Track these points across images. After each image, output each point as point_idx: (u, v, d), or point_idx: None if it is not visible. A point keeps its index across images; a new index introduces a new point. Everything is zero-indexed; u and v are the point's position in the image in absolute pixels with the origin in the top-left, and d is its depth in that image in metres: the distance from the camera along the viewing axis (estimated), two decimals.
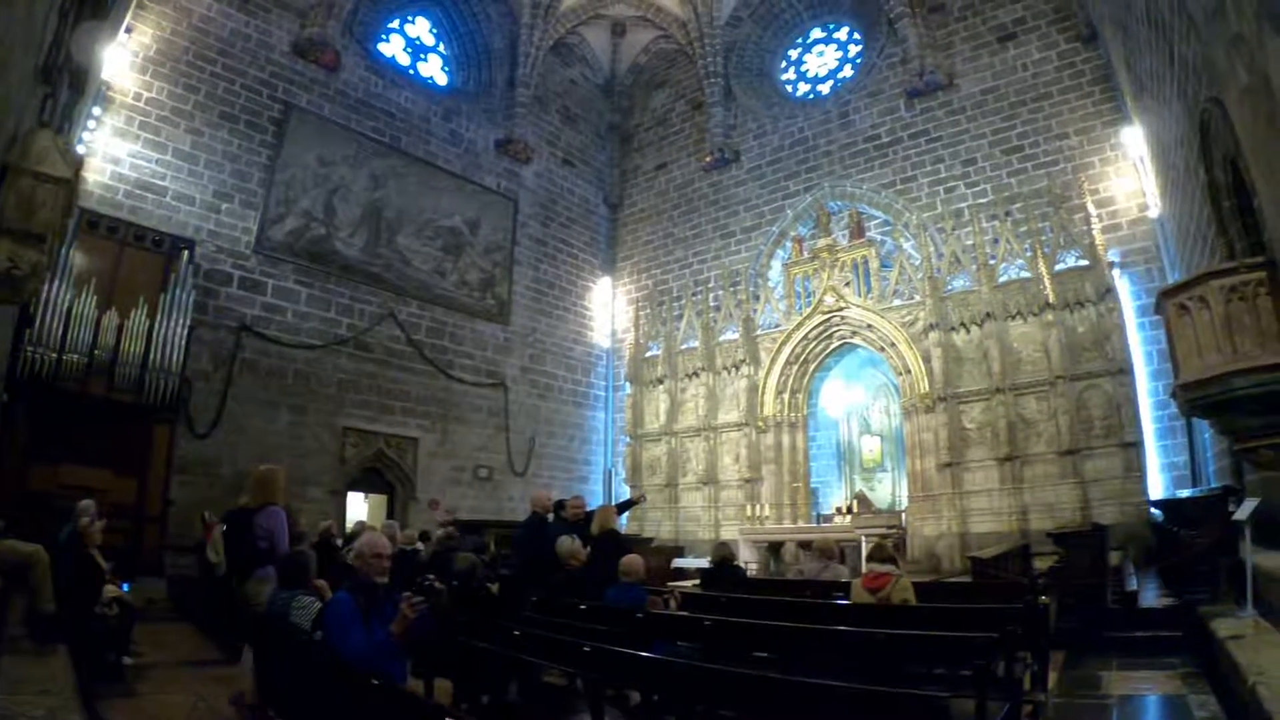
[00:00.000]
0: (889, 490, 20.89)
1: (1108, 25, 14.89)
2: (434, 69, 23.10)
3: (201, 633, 10.33)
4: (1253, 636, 5.89)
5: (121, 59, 15.44)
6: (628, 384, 22.93)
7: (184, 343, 14.24)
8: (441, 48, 23.51)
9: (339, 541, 11.39)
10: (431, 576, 6.98)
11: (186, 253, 15.03)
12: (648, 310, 23.81)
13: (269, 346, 16.85)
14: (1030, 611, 6.66)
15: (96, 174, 14.84)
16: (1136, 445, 14.49)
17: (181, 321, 14.23)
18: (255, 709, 5.30)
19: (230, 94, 17.25)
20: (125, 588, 8.58)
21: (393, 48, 22.00)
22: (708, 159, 24.27)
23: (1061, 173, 17.52)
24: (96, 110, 14.77)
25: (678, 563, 17.93)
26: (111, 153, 15.28)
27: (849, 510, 17.78)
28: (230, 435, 15.86)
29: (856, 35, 23.37)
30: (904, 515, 17.31)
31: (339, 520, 15.84)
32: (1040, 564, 11.99)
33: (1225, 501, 8.99)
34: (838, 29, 24.09)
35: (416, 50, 22.78)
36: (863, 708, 3.69)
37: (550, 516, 10.27)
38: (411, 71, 22.19)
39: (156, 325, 13.79)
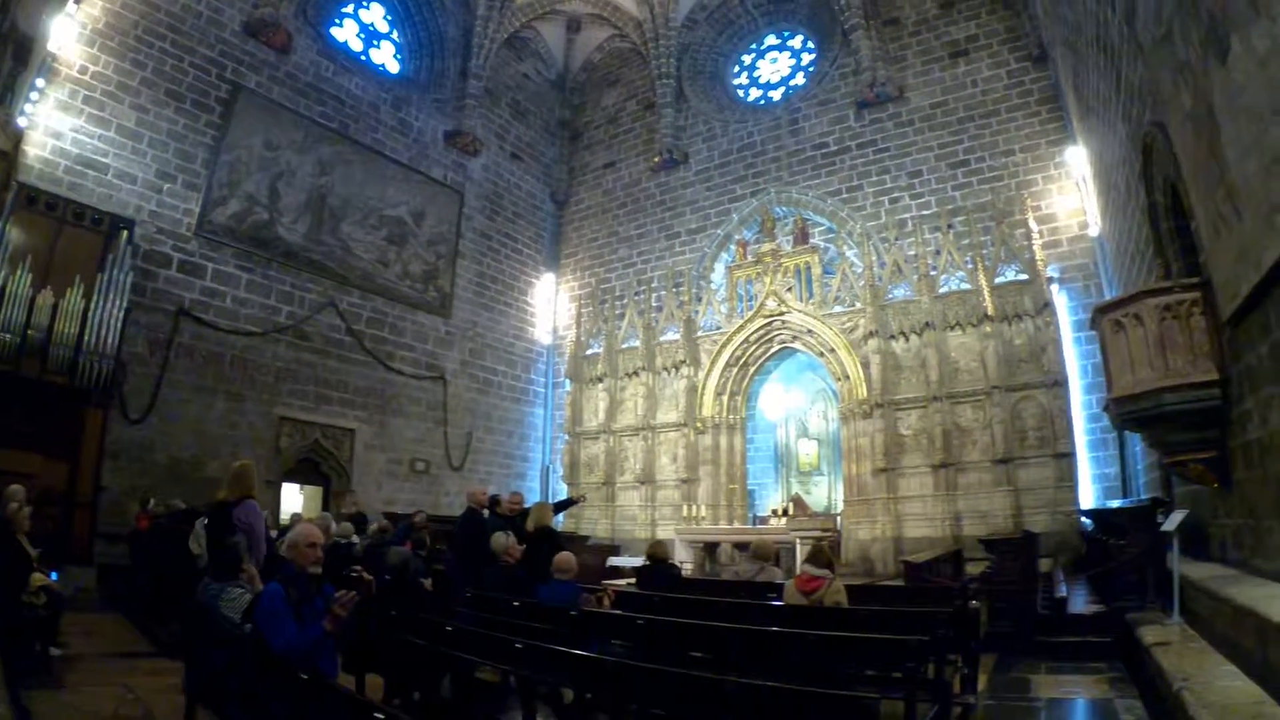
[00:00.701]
0: (825, 494, 21.14)
1: (1058, 47, 15.19)
2: (386, 56, 22.75)
3: (132, 624, 10.12)
4: (1178, 643, 6.04)
5: (69, 30, 14.91)
6: (568, 381, 22.93)
7: (120, 325, 13.88)
8: (395, 35, 23.16)
9: (274, 534, 11.23)
10: (359, 568, 6.93)
11: (126, 233, 14.57)
12: (590, 308, 23.74)
13: (207, 332, 16.41)
14: (961, 615, 6.79)
15: (37, 148, 14.39)
16: (1069, 456, 14.84)
17: (118, 303, 13.86)
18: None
19: (178, 71, 16.78)
20: (54, 576, 8.35)
21: (346, 32, 21.60)
22: (656, 159, 24.30)
23: (1005, 188, 17.92)
24: (40, 82, 14.30)
25: (613, 561, 17.95)
26: (54, 127, 14.76)
27: (785, 512, 17.96)
28: (165, 421, 15.45)
29: (810, 44, 23.59)
30: (839, 519, 17.54)
31: (273, 512, 15.54)
32: (972, 569, 12.23)
33: (1154, 513, 9.21)
34: (792, 37, 24.33)
35: (370, 36, 22.40)
36: (792, 708, 3.71)
37: (486, 512, 10.28)
38: (363, 58, 21.82)
39: (93, 306, 13.43)
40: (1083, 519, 14.22)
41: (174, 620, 8.60)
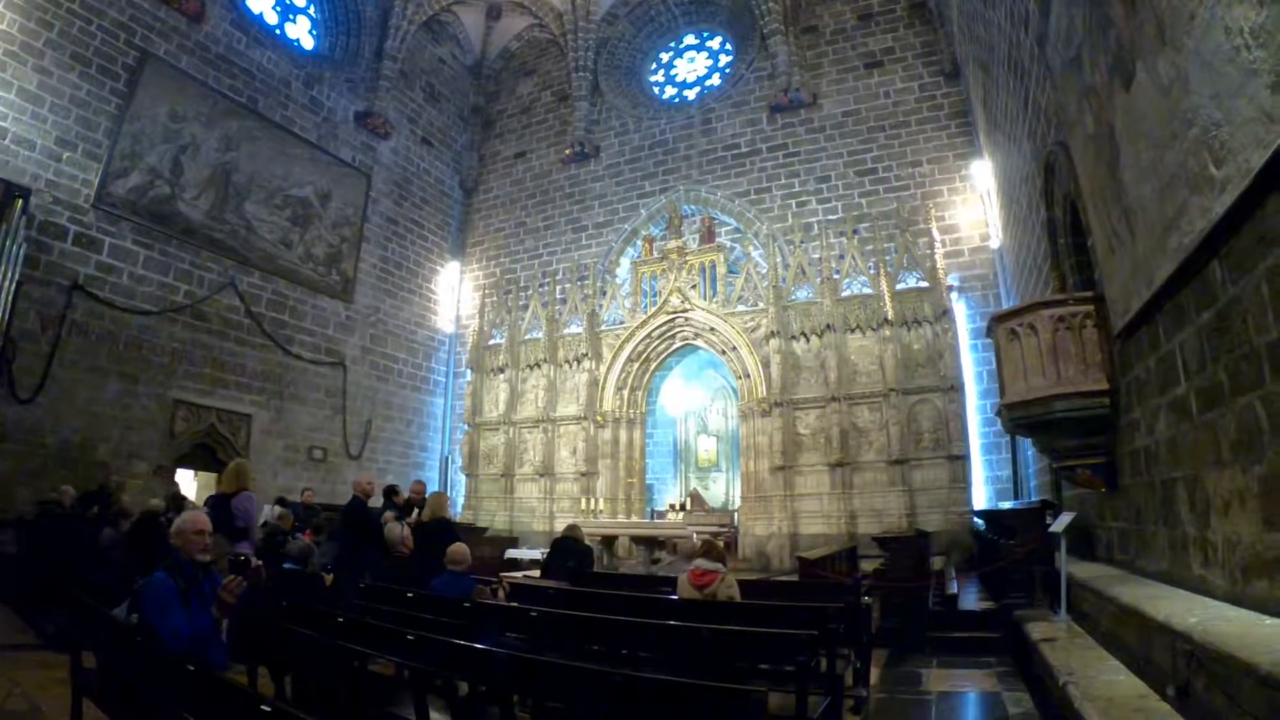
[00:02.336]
0: (723, 490, 21.40)
1: (971, 65, 15.60)
2: (301, 31, 22.06)
3: (17, 615, 9.69)
4: (1065, 640, 6.27)
5: None
6: (469, 371, 22.67)
7: (11, 299, 13.07)
8: (312, 10, 22.46)
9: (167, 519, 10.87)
10: (247, 553, 6.80)
11: (21, 201, 13.60)
12: (494, 298, 23.52)
13: (102, 309, 15.64)
14: (853, 610, 6.96)
15: None
16: (963, 458, 15.31)
17: (10, 276, 13.01)
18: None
19: (85, 34, 15.94)
20: None
21: (261, 4, 20.77)
22: (567, 152, 24.25)
23: (911, 198, 18.40)
24: None
25: (511, 553, 17.85)
26: None
27: (682, 507, 18.09)
28: (55, 402, 14.65)
29: (728, 46, 23.83)
30: (736, 515, 17.76)
31: (167, 497, 15.02)
32: (866, 566, 12.51)
33: (1043, 514, 9.47)
34: (711, 38, 24.54)
35: (286, 10, 21.65)
36: (682, 701, 3.73)
37: (370, 500, 10.17)
38: (278, 31, 21.04)
39: None
40: (975, 519, 14.61)
41: (62, 612, 8.30)
